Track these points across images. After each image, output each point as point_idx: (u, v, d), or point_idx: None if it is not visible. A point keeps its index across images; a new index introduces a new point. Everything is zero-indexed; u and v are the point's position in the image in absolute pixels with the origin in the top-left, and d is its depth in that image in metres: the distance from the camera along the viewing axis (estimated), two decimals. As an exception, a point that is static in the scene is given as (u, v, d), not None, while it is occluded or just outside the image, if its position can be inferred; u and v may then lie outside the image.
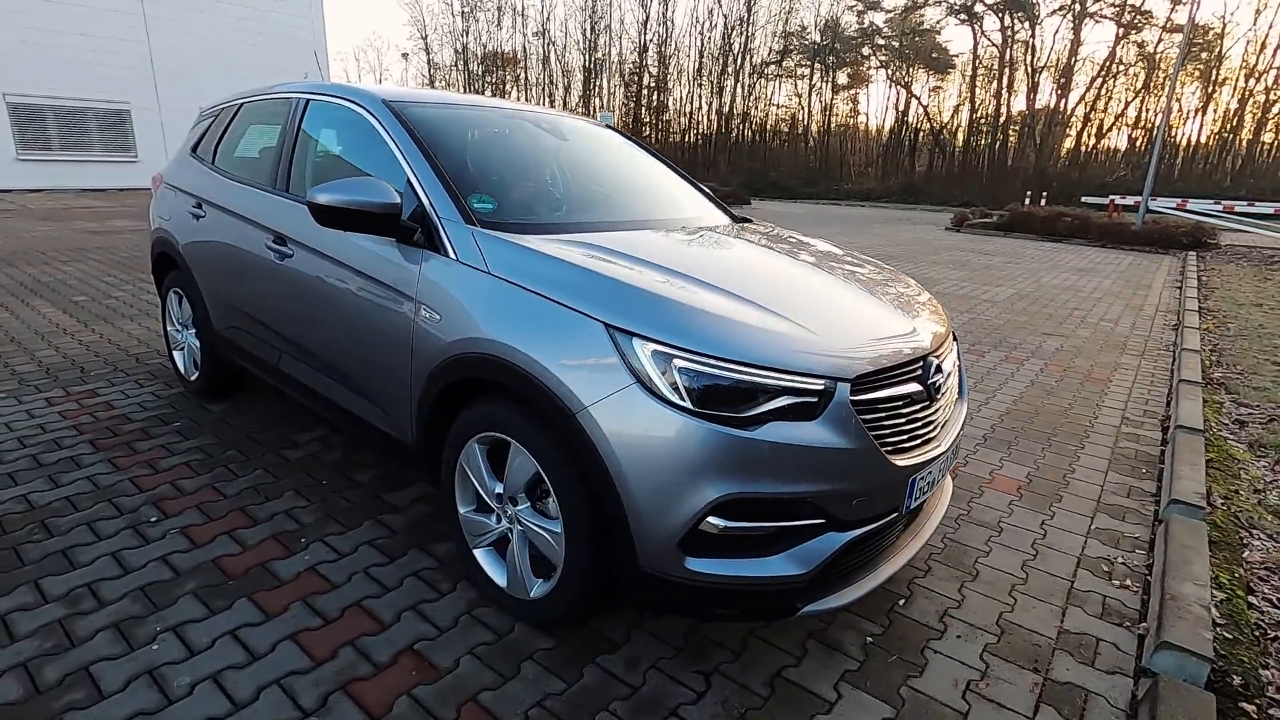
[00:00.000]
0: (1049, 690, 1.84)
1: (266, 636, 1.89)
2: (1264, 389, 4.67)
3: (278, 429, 3.24)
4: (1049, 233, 14.73)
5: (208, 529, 2.39)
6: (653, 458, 1.56)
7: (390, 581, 2.15)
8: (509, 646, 1.90)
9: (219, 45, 21.07)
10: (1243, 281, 9.94)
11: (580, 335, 1.67)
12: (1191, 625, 1.97)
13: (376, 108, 2.39)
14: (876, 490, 1.71)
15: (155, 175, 3.75)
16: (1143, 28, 37.76)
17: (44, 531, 2.34)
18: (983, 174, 38.48)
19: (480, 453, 1.95)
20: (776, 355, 1.61)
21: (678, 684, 1.79)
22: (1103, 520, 2.77)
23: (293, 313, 2.58)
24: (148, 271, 7.02)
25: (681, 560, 1.60)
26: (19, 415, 3.29)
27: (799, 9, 45.13)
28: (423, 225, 2.08)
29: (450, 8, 51.62)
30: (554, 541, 1.79)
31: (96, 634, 1.87)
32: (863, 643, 1.98)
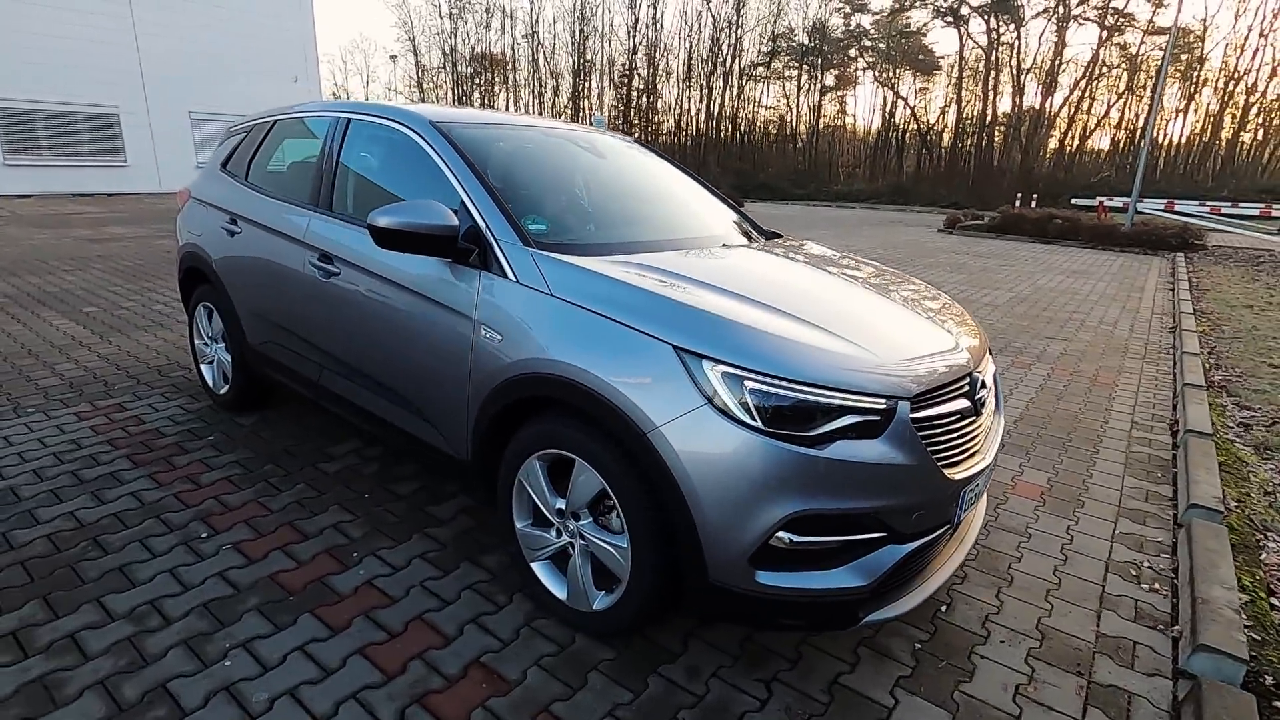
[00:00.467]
0: (1094, 693, 1.92)
1: (336, 651, 1.93)
2: (1264, 391, 4.80)
3: (312, 442, 3.27)
4: (1040, 234, 14.94)
5: (260, 544, 2.43)
6: (725, 476, 1.62)
7: (448, 595, 2.20)
8: (573, 657, 1.95)
9: (208, 48, 20.91)
10: (1232, 283, 10.15)
11: (649, 357, 1.72)
12: (1224, 628, 2.05)
13: (424, 129, 2.44)
14: (933, 503, 1.78)
15: (182, 189, 3.76)
16: (1125, 30, 38.31)
17: (98, 549, 2.37)
18: (969, 175, 38.85)
19: (541, 469, 2.00)
20: (842, 376, 1.67)
21: (740, 692, 1.86)
22: (1125, 525, 2.86)
23: (338, 330, 2.62)
24: (154, 280, 7.02)
25: (752, 574, 1.67)
26: (50, 430, 3.31)
27: (786, 12, 45.35)
28: (478, 246, 2.13)
29: (438, 9, 51.54)
30: (619, 555, 1.85)
31: (168, 651, 1.90)
32: (912, 649, 2.05)
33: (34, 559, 2.30)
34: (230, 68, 21.42)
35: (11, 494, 2.71)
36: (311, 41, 23.65)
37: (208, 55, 20.94)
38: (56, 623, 2.00)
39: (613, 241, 2.33)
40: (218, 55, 21.15)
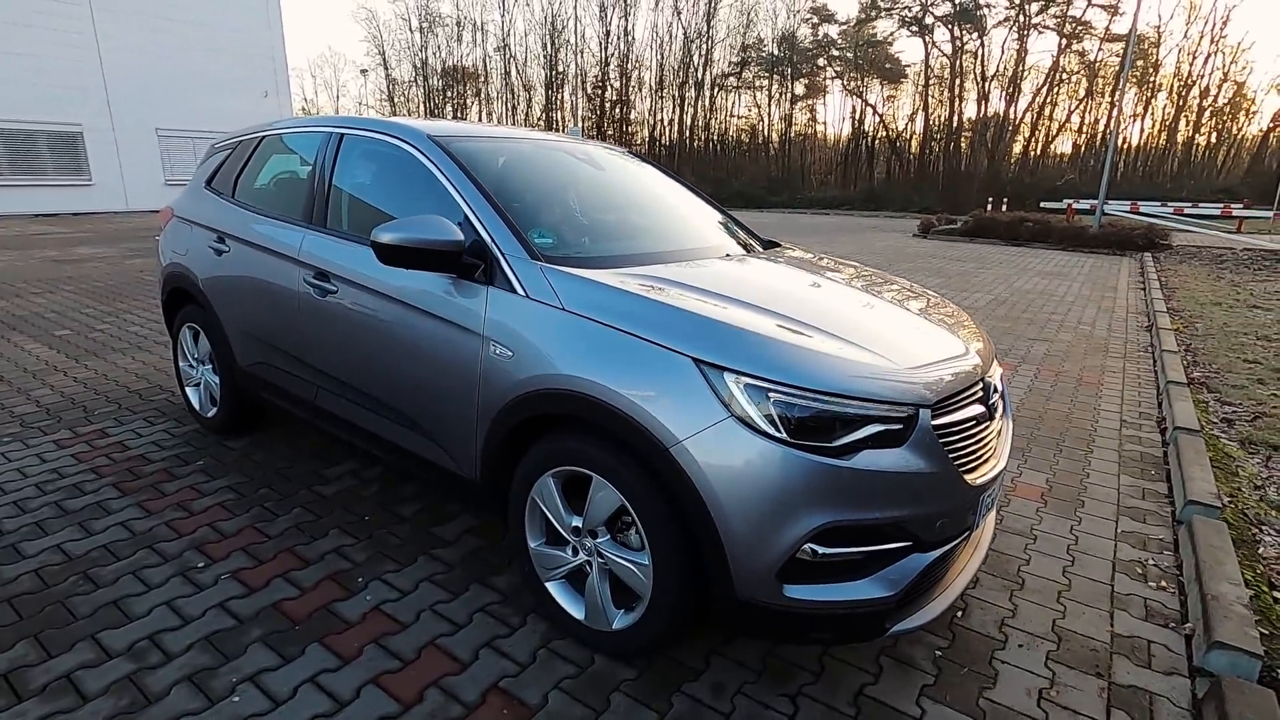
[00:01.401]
0: (1116, 694, 1.92)
1: (348, 682, 1.87)
2: (1243, 387, 4.91)
3: (306, 464, 3.19)
4: (1012, 237, 15.24)
5: (260, 573, 2.35)
6: (751, 489, 1.60)
7: (459, 618, 2.15)
8: (593, 679, 1.91)
9: (175, 63, 20.55)
10: (1198, 281, 10.42)
11: (669, 371, 1.70)
12: (1237, 624, 2.07)
13: (422, 143, 2.40)
14: (955, 510, 1.78)
15: (164, 208, 3.67)
16: (1083, 38, 39.41)
17: (89, 583, 2.27)
18: (939, 180, 39.56)
19: (556, 486, 1.96)
20: (865, 385, 1.66)
21: (766, 708, 1.83)
22: (1126, 524, 2.90)
23: (336, 349, 2.56)
24: (127, 301, 6.84)
25: (780, 589, 1.64)
26: (29, 460, 3.18)
27: (756, 23, 45.93)
28: (484, 261, 2.09)
29: (408, 24, 51.22)
30: (640, 573, 1.81)
31: (172, 688, 1.83)
32: (933, 657, 2.04)
33: (22, 595, 2.20)
34: (198, 83, 21.08)
35: (-9, 528, 2.60)
36: (282, 56, 23.38)
37: (175, 71, 20.58)
38: (50, 663, 1.91)
39: (619, 254, 2.31)
40: (185, 71, 20.80)
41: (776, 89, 46.85)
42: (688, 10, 45.04)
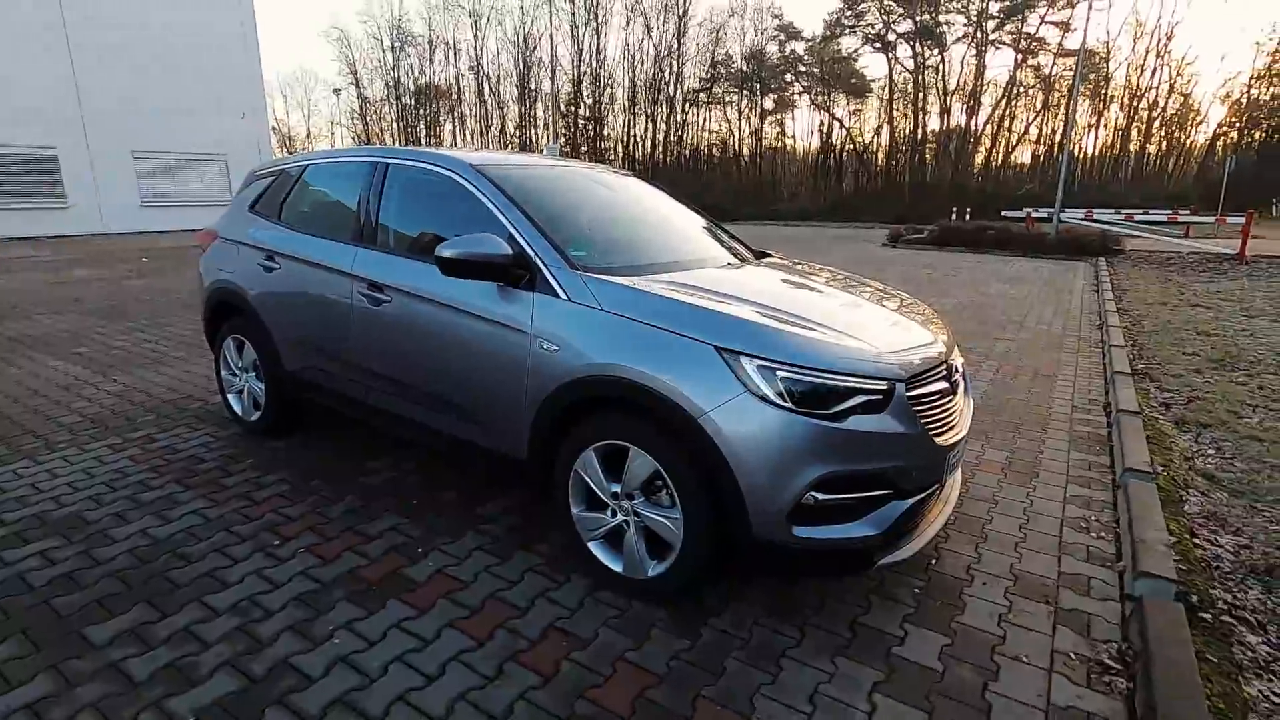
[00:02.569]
0: (1060, 615, 2.35)
1: (428, 626, 2.22)
2: (1180, 376, 5.45)
3: (348, 460, 3.52)
4: (976, 245, 15.98)
5: (330, 547, 2.69)
6: (765, 447, 2.00)
7: (512, 576, 2.51)
8: (633, 618, 2.29)
9: (152, 85, 20.59)
10: (1148, 283, 11.13)
11: (695, 357, 2.10)
12: (1159, 559, 2.52)
13: (467, 171, 2.78)
14: (927, 464, 2.20)
15: (203, 230, 3.99)
16: (1038, 53, 41.02)
17: (181, 559, 2.59)
18: (905, 191, 40.71)
19: (596, 459, 2.34)
20: (853, 365, 2.08)
21: (779, 634, 2.22)
22: (1073, 489, 3.35)
23: (388, 351, 2.91)
24: (136, 321, 7.07)
25: (790, 529, 2.04)
26: (90, 462, 3.47)
27: (724, 40, 47.01)
28: (528, 271, 2.48)
29: (380, 43, 51.46)
30: (673, 525, 2.20)
31: (279, 635, 2.16)
32: (913, 593, 2.45)
33: (124, 571, 2.51)
34: (175, 105, 21.14)
35: (79, 519, 2.89)
36: (258, 77, 23.53)
37: (151, 93, 20.63)
38: (168, 620, 2.23)
39: (638, 263, 2.70)
40: (162, 92, 20.86)
41: (746, 104, 47.91)
42: (658, 28, 46.00)
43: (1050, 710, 1.92)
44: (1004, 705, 1.93)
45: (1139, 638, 2.14)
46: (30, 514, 2.93)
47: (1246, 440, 4.07)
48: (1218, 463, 3.77)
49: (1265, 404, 4.74)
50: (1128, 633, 2.25)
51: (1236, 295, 9.82)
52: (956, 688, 2.00)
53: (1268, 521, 3.08)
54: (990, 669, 2.08)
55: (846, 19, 43.21)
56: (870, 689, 1.98)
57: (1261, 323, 7.74)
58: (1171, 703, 1.80)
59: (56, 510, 2.97)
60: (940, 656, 2.13)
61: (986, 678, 2.04)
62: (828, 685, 1.99)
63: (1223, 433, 4.19)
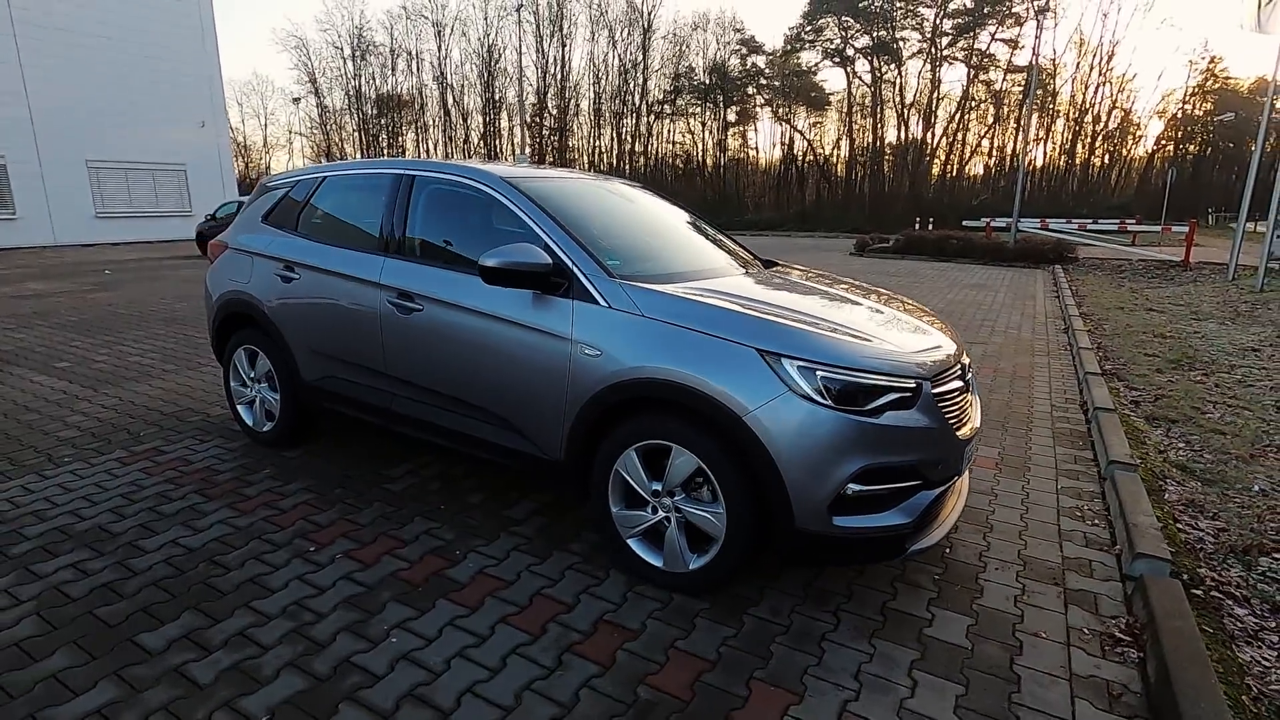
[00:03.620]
0: (1070, 595, 2.53)
1: (481, 623, 2.29)
2: (1145, 375, 5.79)
3: (367, 467, 3.55)
4: (939, 253, 16.53)
5: (368, 552, 2.73)
6: (807, 443, 2.13)
7: (553, 575, 2.59)
8: (677, 609, 2.39)
9: (105, 93, 20.08)
10: (1103, 289, 11.68)
11: (737, 359, 2.23)
12: (1152, 541, 2.72)
13: (499, 184, 2.87)
14: (950, 457, 2.36)
15: (214, 242, 3.98)
16: (989, 69, 42.60)
17: (220, 567, 2.61)
18: (865, 201, 41.77)
19: (637, 458, 2.45)
20: (885, 364, 2.24)
21: (815, 620, 2.35)
22: (1064, 481, 3.57)
23: (418, 359, 2.97)
24: (112, 334, 6.92)
25: (830, 519, 2.18)
26: (101, 476, 3.44)
27: (687, 53, 47.69)
28: (565, 280, 2.58)
29: (340, 51, 50.80)
30: (715, 519, 2.31)
31: (336, 636, 2.21)
32: (933, 580, 2.61)
33: (164, 580, 2.52)
34: (131, 114, 20.62)
35: (103, 530, 2.88)
36: (218, 85, 23.08)
37: (105, 101, 20.10)
38: (221, 625, 2.26)
39: (667, 272, 2.81)
40: (117, 101, 20.34)
41: (709, 116, 48.61)
42: (623, 41, 46.42)
43: (1073, 679, 2.08)
44: (1031, 675, 2.09)
45: (1144, 612, 2.33)
46: (51, 528, 2.91)
47: (1211, 434, 4.36)
48: (1188, 455, 4.04)
49: (1223, 401, 5.08)
50: (1132, 608, 2.44)
51: (1185, 300, 10.38)
52: (986, 662, 2.15)
53: (1240, 507, 3.33)
54: (1014, 645, 2.24)
55: (806, 34, 44.28)
56: (909, 666, 2.12)
57: (1210, 325, 8.22)
58: (1183, 668, 1.98)
59: (78, 523, 2.95)
60: (967, 635, 2.28)
61: (1012, 653, 2.20)
62: (869, 664, 2.13)
63: (1189, 428, 4.48)
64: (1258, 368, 6.09)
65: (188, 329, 7.27)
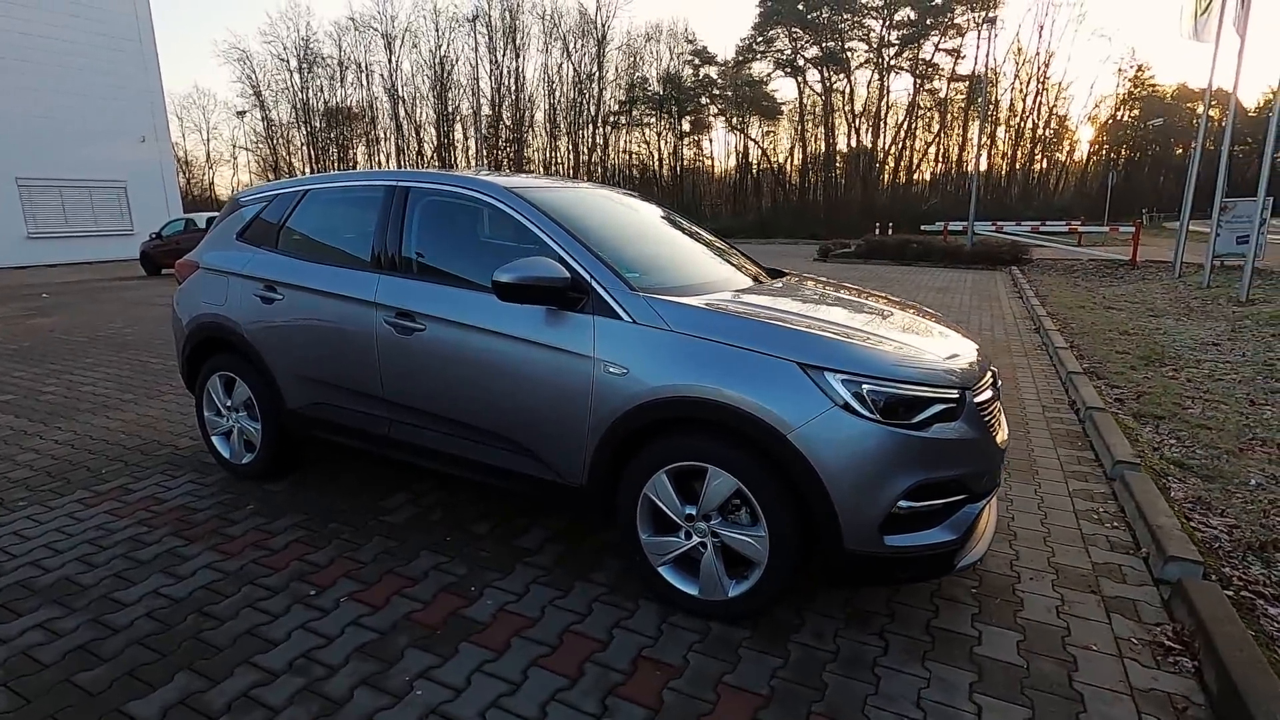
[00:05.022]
0: (1109, 603, 2.48)
1: (512, 668, 2.12)
2: (1122, 373, 5.90)
3: (360, 498, 3.33)
4: (900, 258, 16.84)
5: (375, 593, 2.53)
6: (858, 460, 2.03)
7: (579, 608, 2.43)
8: (718, 640, 2.26)
9: (39, 108, 19.10)
10: (1061, 289, 12.01)
11: (776, 374, 2.12)
12: (1180, 543, 2.70)
13: (504, 195, 2.71)
14: (993, 466, 2.30)
15: (182, 261, 3.70)
16: (933, 78, 43.94)
17: (211, 619, 2.38)
18: (820, 208, 42.51)
19: (669, 481, 2.31)
20: (929, 375, 2.16)
21: (863, 645, 2.25)
22: (1074, 484, 3.57)
23: (421, 382, 2.78)
24: (59, 363, 6.48)
25: (881, 539, 2.08)
26: (61, 520, 3.14)
27: (642, 64, 47.97)
28: (583, 294, 2.43)
29: (286, 64, 49.50)
30: (757, 543, 2.19)
31: (353, 692, 2.01)
32: (970, 593, 2.54)
33: (149, 636, 2.28)
34: (66, 129, 19.64)
35: (72, 583, 2.61)
36: (159, 98, 22.20)
37: (39, 116, 19.10)
38: (221, 686, 2.04)
39: (685, 284, 2.69)
40: (51, 116, 19.35)
41: (664, 126, 48.92)
42: (577, 52, 46.41)
43: (1135, 694, 2.02)
44: (1093, 693, 2.02)
45: (1189, 618, 2.29)
46: (10, 582, 2.62)
47: (1197, 429, 4.43)
48: (1181, 451, 4.09)
49: (1198, 396, 5.19)
50: (1174, 614, 2.40)
51: (1139, 297, 10.74)
52: (1045, 681, 2.07)
53: (1244, 503, 3.36)
54: (1068, 660, 2.17)
55: (757, 44, 45.00)
56: (969, 690, 2.03)
57: (1168, 321, 8.49)
58: (1246, 676, 1.93)
59: (42, 576, 2.67)
60: (1019, 652, 2.21)
61: (1068, 669, 2.13)
62: (928, 690, 2.03)
63: (1176, 424, 4.55)
64: (1221, 361, 6.28)
65: (141, 355, 6.85)
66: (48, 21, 19.29)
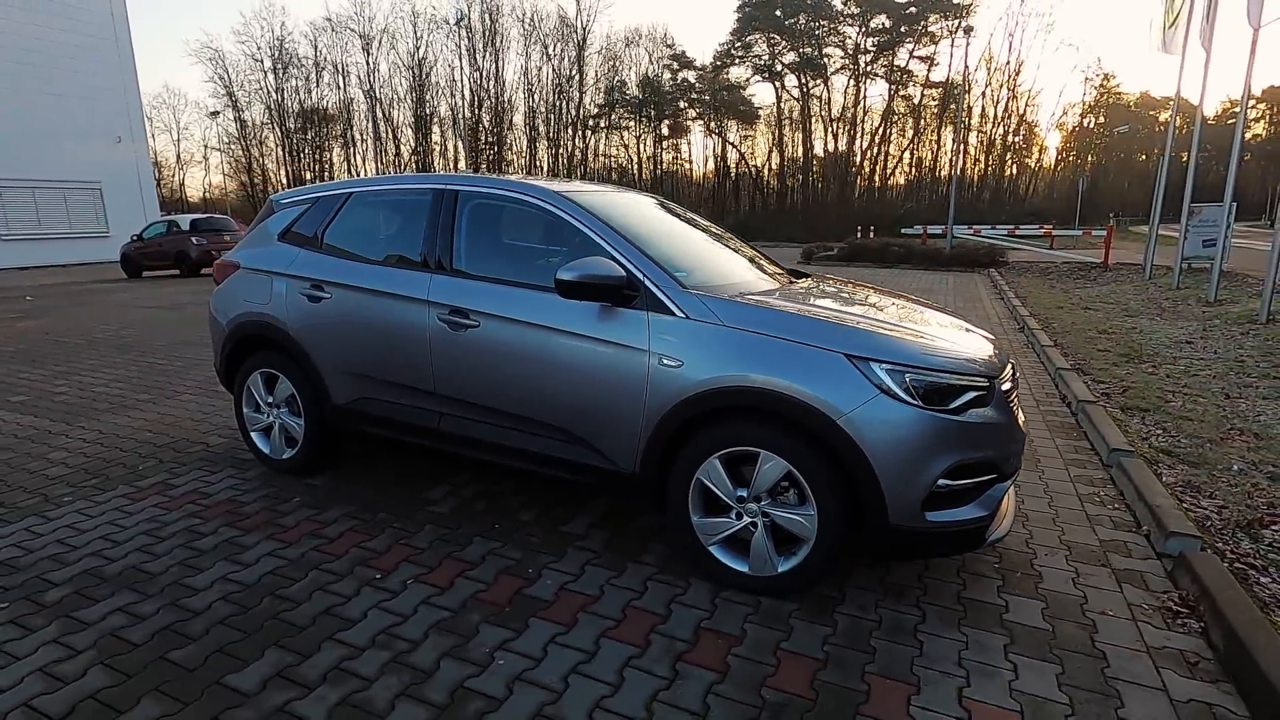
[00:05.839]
0: (1119, 575, 2.71)
1: (583, 640, 2.27)
2: (1105, 369, 6.21)
3: (402, 489, 3.45)
4: (881, 260, 17.24)
5: (438, 575, 2.66)
6: (903, 442, 2.23)
7: (635, 586, 2.59)
8: (770, 612, 2.44)
9: (14, 109, 18.68)
10: (1039, 290, 12.43)
11: (827, 365, 2.30)
12: (1178, 521, 2.95)
13: (558, 200, 2.87)
14: (1018, 449, 2.51)
15: (221, 261, 3.79)
16: (908, 84, 44.81)
17: (286, 601, 2.49)
18: (798, 211, 43.09)
19: (720, 466, 2.49)
20: (964, 365, 2.36)
21: (903, 614, 2.44)
22: (1074, 470, 3.81)
23: (474, 376, 2.92)
24: (63, 364, 6.48)
25: (922, 515, 2.27)
26: (113, 514, 3.22)
27: (621, 67, 48.21)
28: (637, 292, 2.60)
29: (260, 64, 48.86)
30: (806, 522, 2.38)
31: (439, 663, 2.15)
32: (993, 568, 2.75)
33: (231, 618, 2.39)
34: (40, 129, 19.27)
35: (140, 571, 2.71)
36: (135, 98, 21.85)
37: (12, 116, 18.70)
38: (312, 660, 2.16)
39: (726, 283, 2.88)
40: (25, 115, 18.97)
41: (642, 129, 49.22)
42: (557, 55, 46.51)
43: (1151, 652, 2.24)
44: (1114, 651, 2.24)
45: (1193, 586, 2.52)
46: (79, 571, 2.71)
47: (1180, 420, 4.72)
48: (1168, 441, 4.36)
49: (1178, 390, 5.50)
50: (1178, 583, 2.63)
51: (1113, 298, 11.17)
52: (1071, 642, 2.28)
53: (1229, 486, 3.63)
54: (1088, 624, 2.38)
55: (736, 50, 45.49)
56: (1004, 651, 2.23)
57: (1143, 321, 8.88)
58: (1251, 633, 2.16)
59: (108, 565, 2.76)
60: (1044, 618, 2.42)
61: (1089, 631, 2.34)
62: (967, 651, 2.23)
63: (1160, 416, 4.84)
64: (1196, 359, 6.62)
65: (147, 356, 6.85)
66: (22, 20, 18.93)
